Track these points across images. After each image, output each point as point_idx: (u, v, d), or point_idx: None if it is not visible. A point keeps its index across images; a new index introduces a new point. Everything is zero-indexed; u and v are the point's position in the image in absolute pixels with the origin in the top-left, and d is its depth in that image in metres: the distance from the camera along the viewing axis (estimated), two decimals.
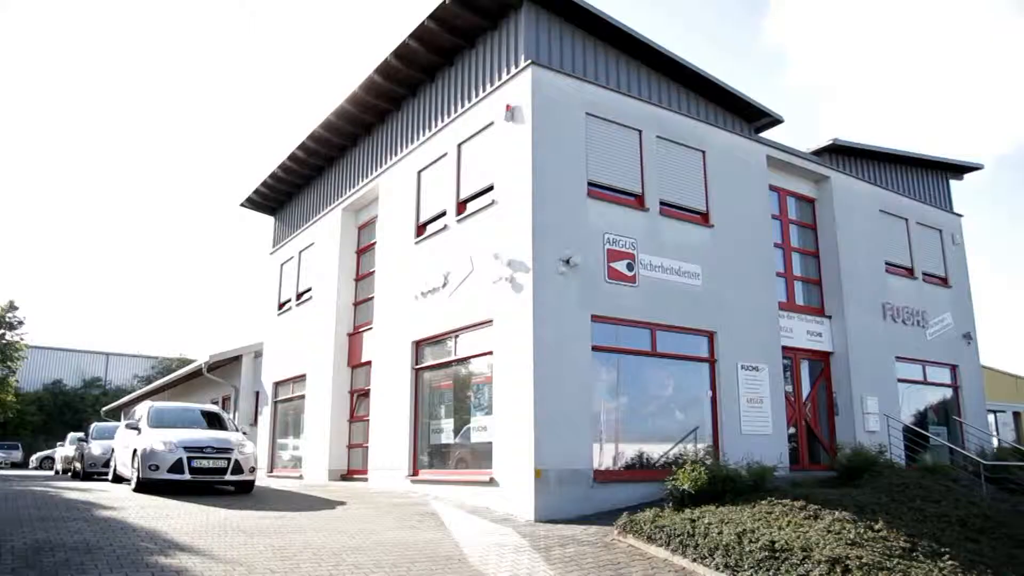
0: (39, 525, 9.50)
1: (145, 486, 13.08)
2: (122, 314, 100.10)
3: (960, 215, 20.42)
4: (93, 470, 20.10)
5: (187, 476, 12.87)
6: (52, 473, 29.33)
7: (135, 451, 13.64)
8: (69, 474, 23.80)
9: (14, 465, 39.84)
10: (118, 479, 15.82)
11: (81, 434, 23.70)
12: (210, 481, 13.28)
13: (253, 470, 13.80)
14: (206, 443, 13.27)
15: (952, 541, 9.43)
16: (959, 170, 20.85)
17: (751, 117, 15.85)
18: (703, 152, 14.72)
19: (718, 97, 15.40)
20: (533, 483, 11.18)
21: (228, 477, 13.26)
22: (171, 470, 12.84)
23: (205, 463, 13.04)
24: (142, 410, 15.37)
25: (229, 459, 13.23)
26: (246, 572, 7.35)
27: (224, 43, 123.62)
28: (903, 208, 18.76)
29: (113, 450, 16.87)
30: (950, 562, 8.27)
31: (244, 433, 15.50)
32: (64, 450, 26.98)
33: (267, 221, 24.66)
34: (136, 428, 14.38)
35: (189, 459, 12.90)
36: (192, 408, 16.36)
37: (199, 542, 8.66)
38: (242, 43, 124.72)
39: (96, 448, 20.36)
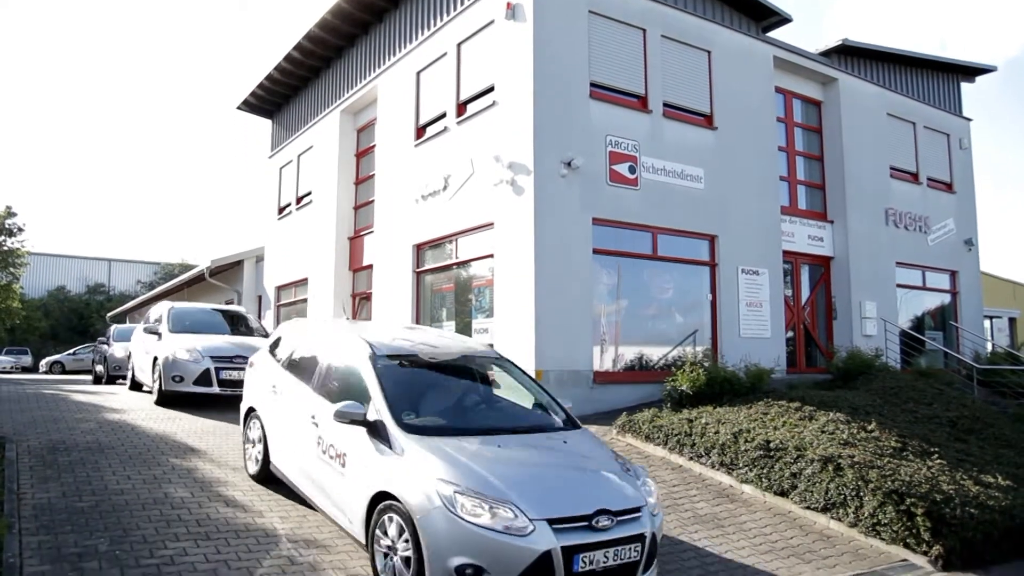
0: None
1: None
2: (123, 219, 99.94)
3: (969, 119, 20.05)
4: (180, 387, 12.44)
5: None
6: (90, 379, 22.40)
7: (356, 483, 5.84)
8: (125, 385, 16.43)
9: (24, 370, 40.45)
10: (265, 475, 7.72)
11: (157, 316, 14.55)
12: None
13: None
14: (595, 506, 5.23)
15: (941, 441, 9.65)
16: (970, 72, 20.34)
17: (758, 16, 15.35)
18: (708, 52, 14.34)
19: None
20: None
21: None
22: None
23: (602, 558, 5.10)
24: (335, 351, 7.15)
25: (642, 538, 5.30)
26: None
27: None
28: (911, 111, 18.41)
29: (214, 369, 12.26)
30: (938, 461, 8.48)
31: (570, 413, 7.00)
32: (133, 344, 15.83)
33: (265, 124, 24.29)
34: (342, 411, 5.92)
35: (573, 558, 4.96)
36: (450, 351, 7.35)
37: None
38: None
39: (178, 351, 12.60)
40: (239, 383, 10.89)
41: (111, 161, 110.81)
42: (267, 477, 7.66)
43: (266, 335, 13.49)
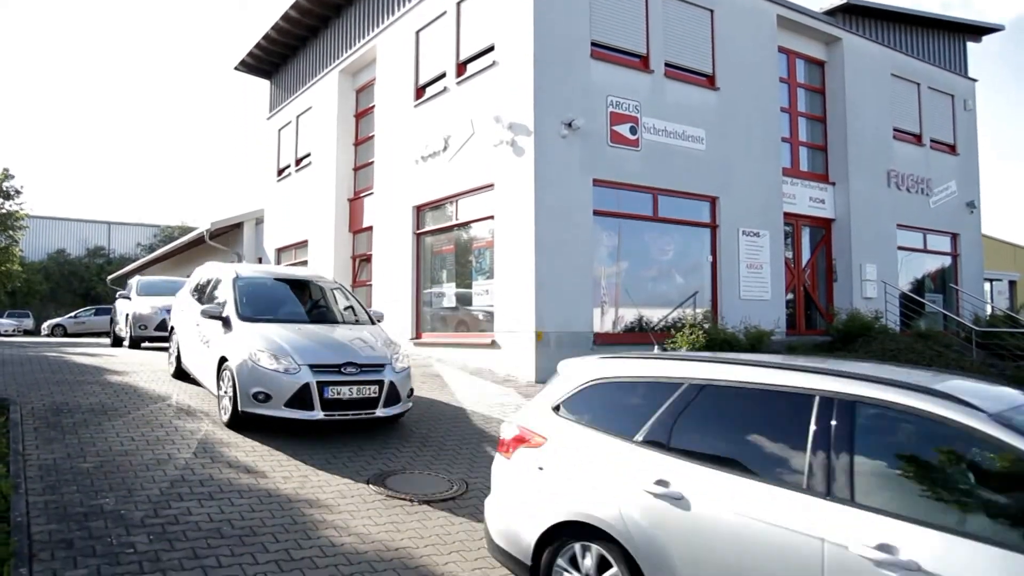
0: None
1: None
2: (123, 182, 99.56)
3: (974, 80, 19.84)
4: (266, 410, 8.16)
5: None
6: (104, 342, 20.27)
7: None
8: (154, 352, 14.93)
9: (27, 333, 40.52)
10: None
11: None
12: None
13: None
14: None
15: None
16: (977, 32, 20.09)
17: None
18: (711, 11, 14.15)
19: None
20: (534, 345, 11.41)
21: None
22: None
23: None
24: None
25: None
26: None
27: None
28: (915, 72, 18.22)
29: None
30: None
31: None
32: (179, 320, 11.45)
33: (263, 85, 24.07)
34: None
35: None
36: None
37: None
38: None
39: (261, 354, 8.24)
40: (349, 404, 8.06)
41: (110, 123, 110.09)
42: None
43: (370, 320, 9.95)
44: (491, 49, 12.96)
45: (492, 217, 12.70)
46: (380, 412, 8.21)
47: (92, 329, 36.72)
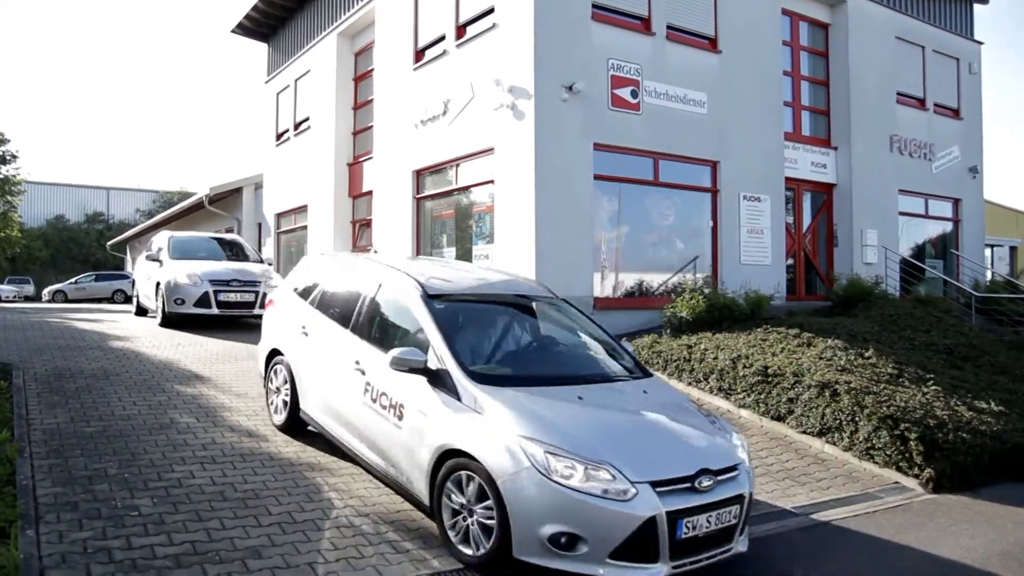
0: None
1: None
2: (121, 147, 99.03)
3: (980, 43, 19.61)
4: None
5: None
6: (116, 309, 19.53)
7: None
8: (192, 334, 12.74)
9: (27, 299, 40.56)
10: None
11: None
12: None
13: None
14: None
15: (937, 368, 9.75)
16: None
17: None
18: None
19: None
20: None
21: None
22: None
23: None
24: None
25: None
26: None
27: None
28: (920, 35, 17.99)
29: None
30: (933, 387, 8.59)
31: None
32: (284, 308, 7.83)
33: (261, 49, 23.80)
34: None
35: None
36: None
37: None
38: None
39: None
40: (705, 542, 4.82)
41: (107, 88, 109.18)
42: None
43: (637, 366, 6.27)
44: (491, 11, 12.80)
45: (492, 181, 12.65)
46: (740, 546, 5.11)
47: (93, 295, 36.77)
